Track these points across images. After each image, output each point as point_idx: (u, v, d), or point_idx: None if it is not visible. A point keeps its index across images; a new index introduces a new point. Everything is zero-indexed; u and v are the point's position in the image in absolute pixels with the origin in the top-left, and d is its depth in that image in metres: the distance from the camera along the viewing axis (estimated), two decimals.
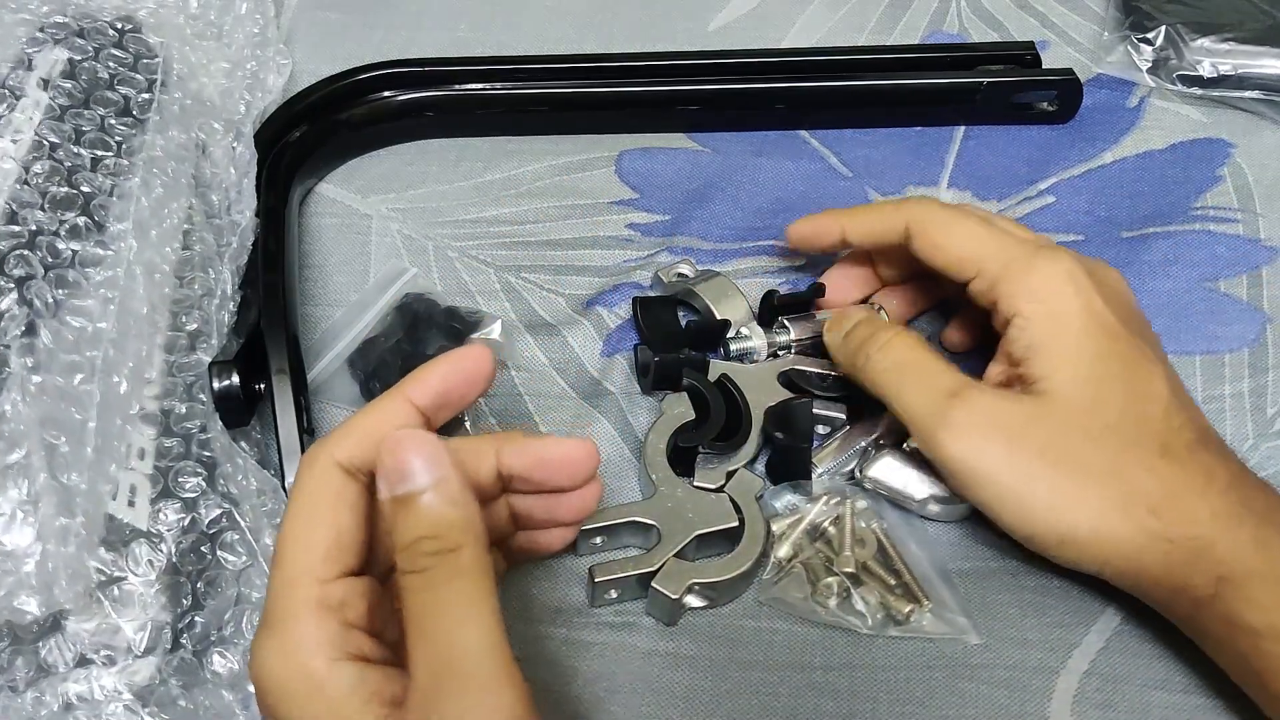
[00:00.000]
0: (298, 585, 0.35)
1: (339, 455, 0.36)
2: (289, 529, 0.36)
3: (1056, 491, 0.42)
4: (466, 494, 0.35)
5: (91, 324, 0.46)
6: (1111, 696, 0.45)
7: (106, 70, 0.52)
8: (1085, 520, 0.42)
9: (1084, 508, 0.42)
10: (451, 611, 0.33)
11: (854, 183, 0.62)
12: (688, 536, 0.46)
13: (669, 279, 0.56)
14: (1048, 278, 0.45)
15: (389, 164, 0.63)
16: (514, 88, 0.63)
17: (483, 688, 0.32)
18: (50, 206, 0.48)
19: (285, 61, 0.61)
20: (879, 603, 0.46)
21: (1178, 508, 0.42)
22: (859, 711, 0.45)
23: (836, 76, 0.64)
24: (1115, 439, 0.43)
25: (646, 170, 0.63)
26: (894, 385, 0.46)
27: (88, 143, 0.50)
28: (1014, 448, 0.43)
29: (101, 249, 0.48)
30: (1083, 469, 0.42)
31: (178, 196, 0.51)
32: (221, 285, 0.50)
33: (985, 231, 0.47)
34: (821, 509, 0.49)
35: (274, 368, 0.49)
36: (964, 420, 0.43)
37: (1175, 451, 0.43)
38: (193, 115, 0.54)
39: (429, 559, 0.34)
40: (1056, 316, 0.44)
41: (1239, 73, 0.64)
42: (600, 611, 0.47)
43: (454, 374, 0.39)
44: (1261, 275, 0.58)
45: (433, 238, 0.59)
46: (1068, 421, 0.43)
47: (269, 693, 0.34)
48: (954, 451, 0.43)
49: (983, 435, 0.43)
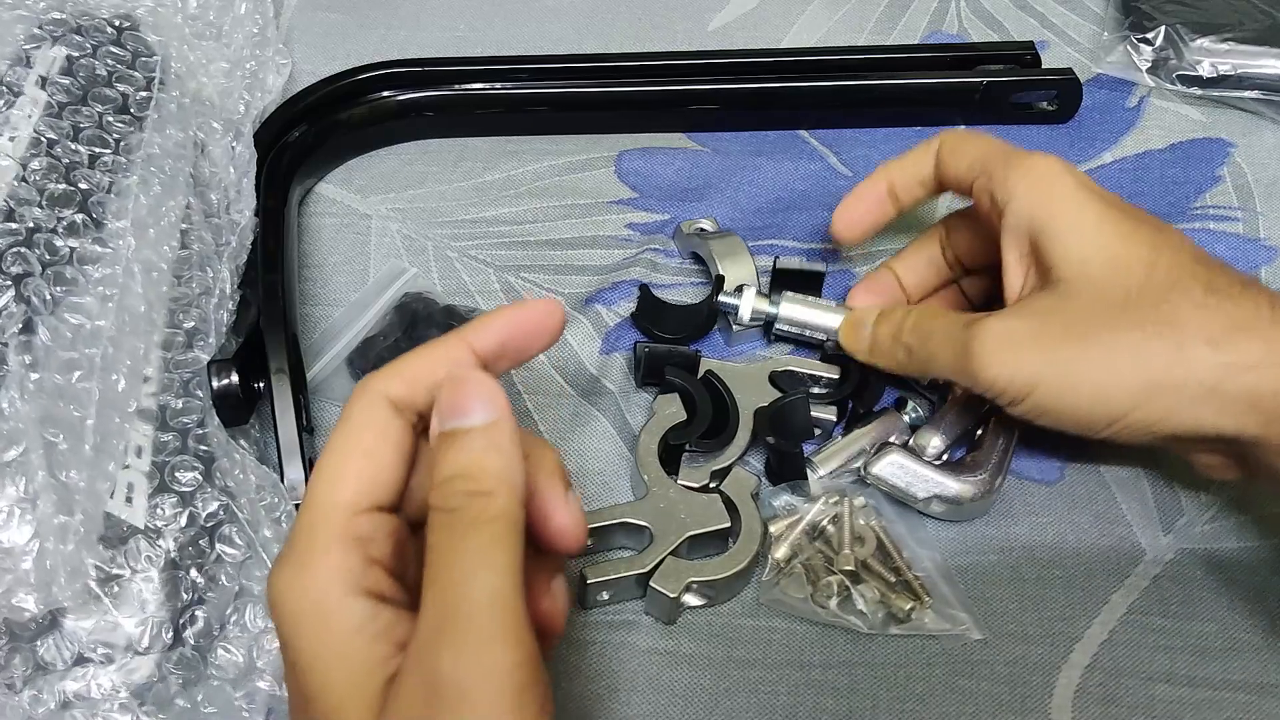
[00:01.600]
0: (328, 513, 0.33)
1: (390, 390, 0.35)
2: (328, 456, 0.34)
3: (1097, 365, 0.42)
4: (514, 446, 0.34)
5: (90, 321, 0.46)
6: (1114, 691, 0.45)
7: (105, 68, 0.52)
8: (1134, 379, 0.41)
9: (1129, 368, 0.41)
10: (468, 557, 0.32)
11: (854, 182, 0.61)
12: (680, 538, 0.46)
13: (688, 231, 0.56)
14: (1040, 160, 0.45)
15: (389, 164, 0.63)
16: (514, 88, 0.63)
17: (481, 641, 0.30)
18: (48, 204, 0.48)
19: (285, 61, 0.61)
20: (879, 601, 0.46)
21: (1244, 335, 0.40)
22: (859, 709, 0.44)
23: (836, 76, 0.64)
24: (1150, 292, 0.42)
25: (646, 170, 0.63)
26: (925, 354, 0.47)
27: (85, 140, 0.50)
28: (1043, 345, 0.43)
29: (100, 246, 0.47)
30: (1117, 331, 0.42)
31: (176, 195, 0.51)
32: (220, 284, 0.50)
33: (996, 140, 0.48)
34: (820, 508, 0.48)
35: (273, 367, 0.49)
36: (987, 344, 0.43)
37: (1222, 287, 0.42)
38: (191, 114, 0.54)
39: (460, 498, 0.32)
40: (1052, 192, 0.44)
41: (1238, 73, 0.64)
42: (600, 611, 0.47)
43: (519, 323, 0.37)
44: (1261, 274, 0.58)
45: (432, 237, 0.59)
46: (1093, 296, 0.43)
47: (283, 621, 0.33)
48: (990, 375, 0.43)
49: (1010, 348, 0.43)
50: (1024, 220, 0.45)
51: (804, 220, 0.60)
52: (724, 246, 0.55)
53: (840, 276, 0.58)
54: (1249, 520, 0.49)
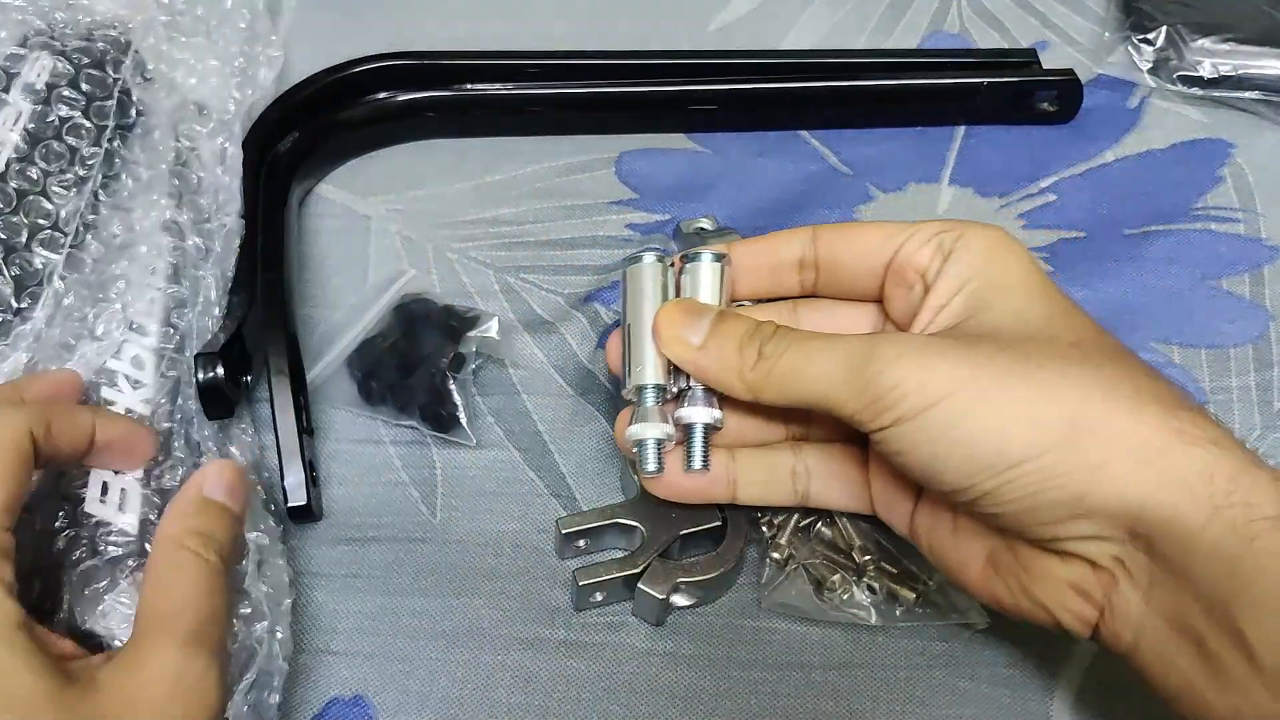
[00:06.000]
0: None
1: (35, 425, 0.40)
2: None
3: (1036, 385, 0.35)
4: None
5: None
6: (1116, 693, 0.44)
7: (91, 74, 0.52)
8: (1075, 408, 0.35)
9: (1073, 396, 0.35)
10: None
11: (855, 181, 0.62)
12: (671, 537, 0.46)
13: (688, 230, 0.56)
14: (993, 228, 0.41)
15: (389, 164, 0.63)
16: (514, 88, 0.63)
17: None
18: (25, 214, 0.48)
19: (277, 54, 0.60)
20: (884, 593, 0.46)
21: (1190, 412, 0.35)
22: (859, 711, 0.44)
23: (837, 77, 0.64)
24: (1103, 348, 0.37)
25: (646, 171, 0.63)
26: (790, 365, 0.39)
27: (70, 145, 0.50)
28: (970, 358, 0.36)
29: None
30: (1066, 363, 0.36)
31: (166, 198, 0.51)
32: (205, 291, 0.50)
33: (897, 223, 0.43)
34: None
35: (273, 368, 0.49)
36: (898, 346, 0.37)
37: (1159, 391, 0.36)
38: (180, 116, 0.54)
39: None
40: (1007, 253, 0.40)
41: (1239, 73, 0.64)
42: (597, 612, 0.47)
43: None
44: (1263, 274, 0.58)
45: (432, 239, 0.59)
46: (1041, 336, 0.37)
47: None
48: (896, 374, 0.36)
49: (926, 354, 0.36)
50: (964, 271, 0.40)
51: (804, 220, 0.60)
52: (723, 246, 0.54)
53: None
54: None
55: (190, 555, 0.39)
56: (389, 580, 0.48)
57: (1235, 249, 0.58)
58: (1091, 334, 0.38)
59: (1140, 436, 0.34)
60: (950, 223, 0.41)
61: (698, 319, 0.41)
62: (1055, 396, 0.35)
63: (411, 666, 0.46)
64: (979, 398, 0.35)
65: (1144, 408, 0.35)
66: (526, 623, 0.47)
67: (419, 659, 0.46)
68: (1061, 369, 0.36)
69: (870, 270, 0.43)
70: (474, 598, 0.47)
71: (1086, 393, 0.35)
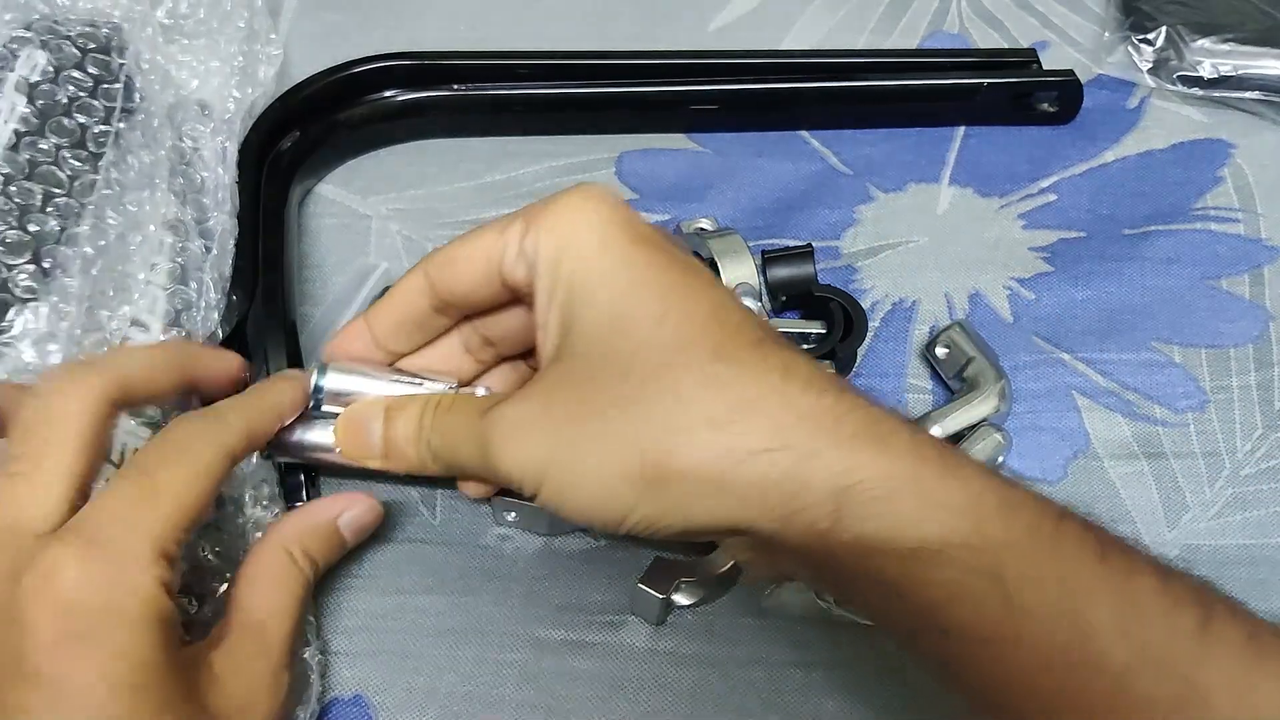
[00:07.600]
0: None
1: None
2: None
3: (596, 447, 0.34)
4: None
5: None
6: None
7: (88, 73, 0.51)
8: (632, 464, 0.33)
9: (626, 452, 0.34)
10: None
11: (855, 180, 0.62)
12: None
13: (688, 230, 0.56)
14: (566, 199, 0.37)
15: (389, 164, 0.63)
16: (514, 88, 0.63)
17: None
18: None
19: (277, 52, 0.60)
20: None
21: (749, 414, 0.33)
22: (860, 710, 0.44)
23: (837, 77, 0.64)
24: (652, 356, 0.34)
25: (647, 171, 0.63)
26: (450, 455, 0.39)
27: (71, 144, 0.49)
28: (550, 423, 0.35)
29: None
30: (617, 406, 0.34)
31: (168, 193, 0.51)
32: (205, 294, 0.50)
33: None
34: None
35: (273, 368, 0.49)
36: (501, 427, 0.36)
37: (731, 353, 0.34)
38: (184, 117, 0.53)
39: None
40: (578, 234, 0.36)
41: (1239, 73, 0.64)
42: (602, 611, 0.47)
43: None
44: (1264, 274, 0.58)
45: (433, 238, 0.59)
46: (600, 361, 0.35)
47: None
48: (506, 467, 0.36)
49: (523, 431, 0.36)
50: (547, 283, 0.36)
51: (804, 220, 0.60)
52: (724, 245, 0.54)
53: (842, 272, 0.58)
54: (1253, 517, 0.49)
55: (297, 570, 0.41)
56: (389, 580, 0.48)
57: (1235, 249, 0.59)
58: (644, 334, 0.35)
59: (698, 468, 0.33)
60: (530, 215, 0.37)
61: (369, 424, 0.41)
62: (626, 443, 0.34)
63: (416, 664, 0.46)
64: (568, 469, 0.35)
65: (694, 437, 0.33)
66: (529, 622, 0.46)
67: (423, 656, 0.46)
68: (633, 399, 0.34)
69: (494, 298, 0.40)
70: (476, 596, 0.47)
71: (652, 428, 0.34)
